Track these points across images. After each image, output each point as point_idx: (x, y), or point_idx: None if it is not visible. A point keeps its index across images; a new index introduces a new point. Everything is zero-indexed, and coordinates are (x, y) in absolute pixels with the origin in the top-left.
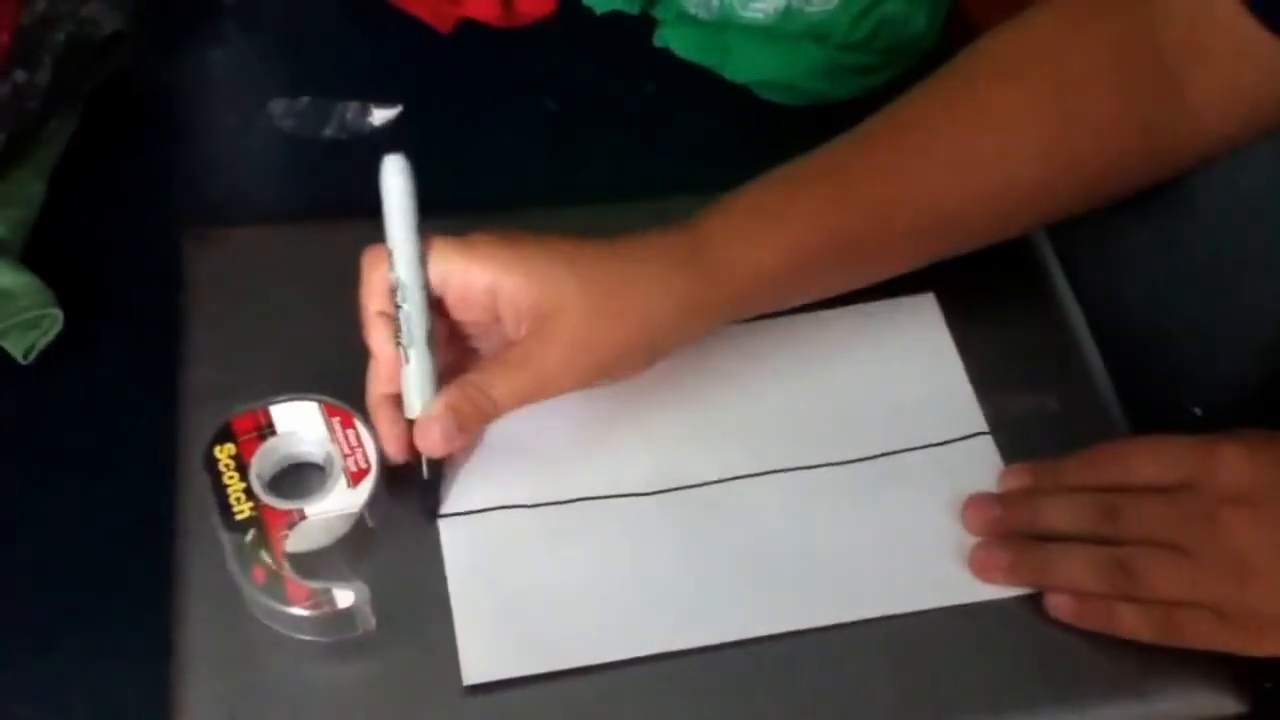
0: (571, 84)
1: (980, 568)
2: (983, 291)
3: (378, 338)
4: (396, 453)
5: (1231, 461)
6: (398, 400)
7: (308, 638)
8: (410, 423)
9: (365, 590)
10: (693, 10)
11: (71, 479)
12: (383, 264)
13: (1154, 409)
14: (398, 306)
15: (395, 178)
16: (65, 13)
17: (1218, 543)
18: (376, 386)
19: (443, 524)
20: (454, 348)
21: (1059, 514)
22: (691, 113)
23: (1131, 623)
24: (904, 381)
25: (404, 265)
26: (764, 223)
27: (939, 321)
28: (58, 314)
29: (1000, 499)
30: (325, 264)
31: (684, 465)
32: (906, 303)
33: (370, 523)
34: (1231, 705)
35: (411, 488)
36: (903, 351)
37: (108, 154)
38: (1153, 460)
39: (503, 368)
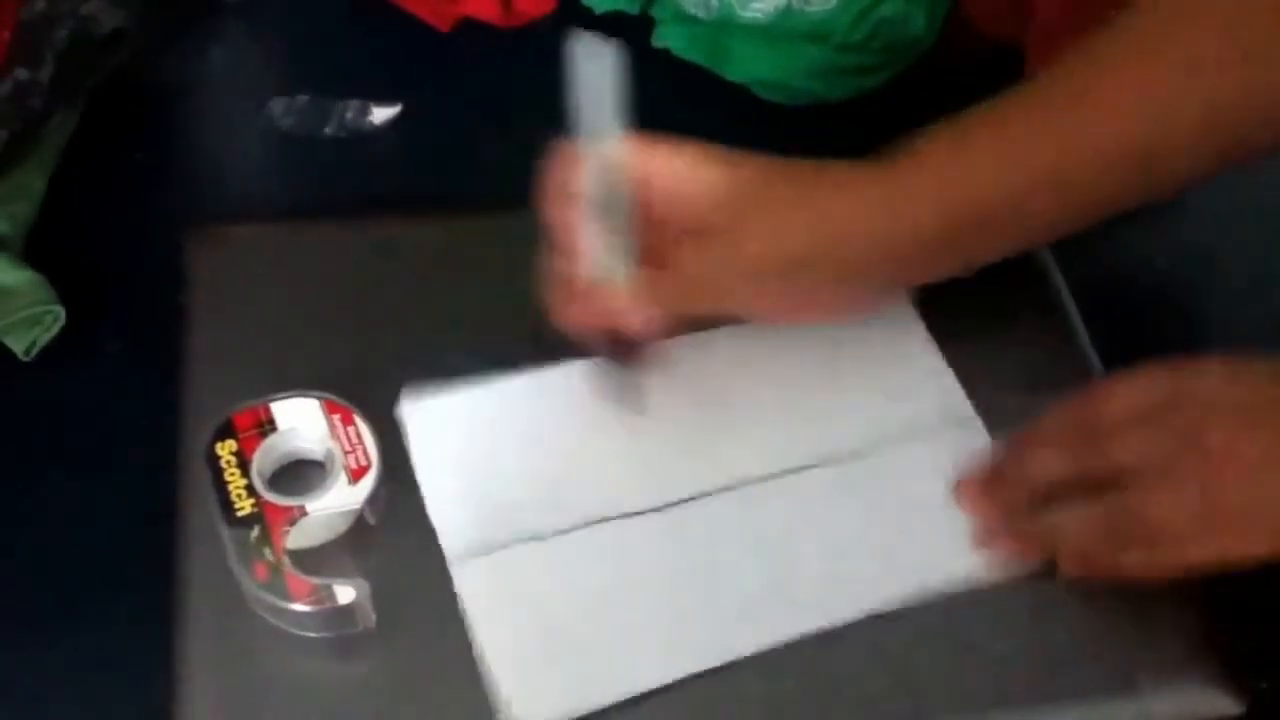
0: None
1: (989, 558)
2: (978, 289)
3: (572, 215)
4: (595, 334)
5: (1211, 377)
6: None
7: (308, 634)
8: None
9: (366, 586)
10: (691, 10)
11: (72, 476)
12: (572, 153)
13: None
14: (598, 189)
15: (602, 60)
16: (66, 10)
17: (1212, 453)
18: (560, 266)
19: (455, 570)
20: None
21: (1047, 465)
22: (690, 112)
23: (1141, 570)
24: (885, 373)
25: (614, 136)
26: (973, 153)
27: (910, 312)
28: (59, 311)
29: (987, 472)
30: (325, 262)
31: (684, 478)
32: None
33: (370, 520)
34: (1228, 705)
35: None
36: (879, 344)
37: (109, 152)
38: (1130, 391)
39: (705, 247)
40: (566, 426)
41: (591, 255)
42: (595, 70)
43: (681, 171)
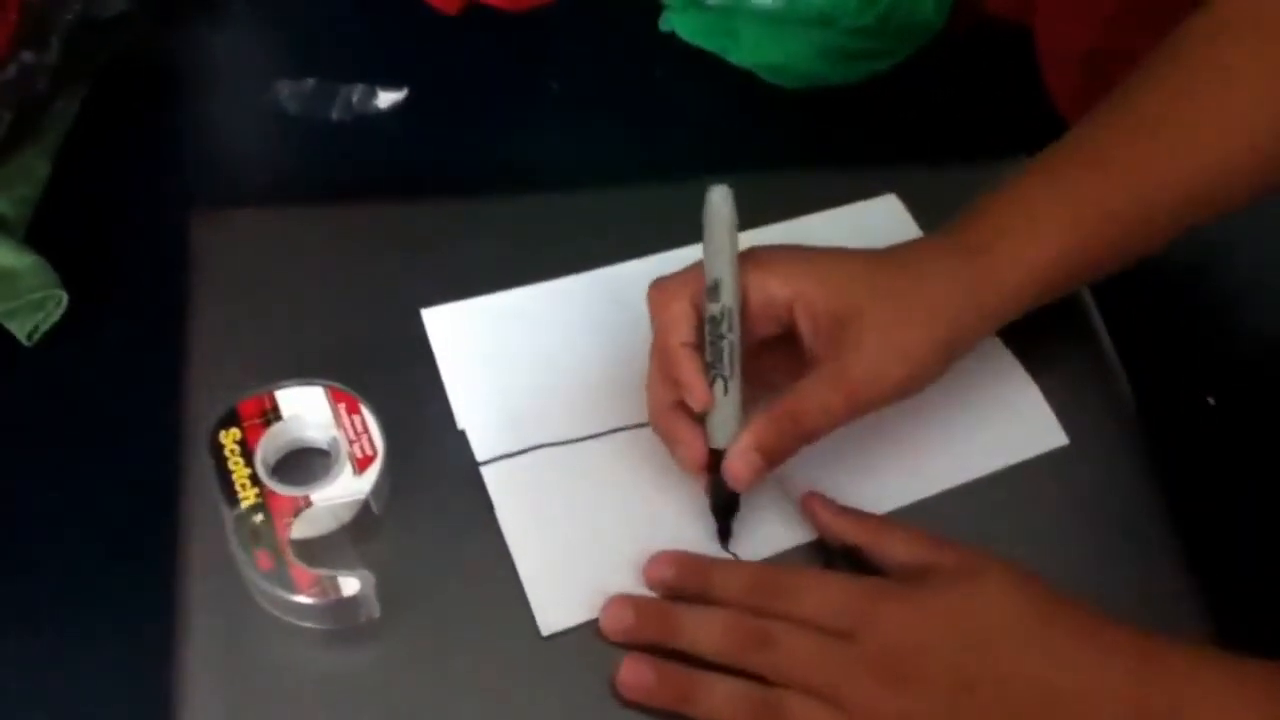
0: (577, 67)
1: (626, 684)
2: None
3: (686, 367)
4: (695, 468)
5: (893, 623)
6: (687, 413)
7: (312, 625)
8: (714, 453)
9: (370, 578)
10: None
11: (74, 462)
12: (681, 296)
13: (1167, 397)
14: (719, 336)
15: (724, 207)
16: None
17: (872, 705)
18: (663, 397)
19: (485, 470)
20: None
21: (701, 634)
22: (697, 96)
23: None
24: None
25: (730, 293)
26: (1033, 220)
27: (907, 218)
28: (62, 295)
29: (635, 605)
30: (330, 247)
31: None
32: (875, 205)
33: (375, 509)
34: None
35: None
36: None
37: (113, 135)
38: (818, 597)
39: (810, 390)
40: (588, 333)
41: (708, 415)
42: (723, 209)
43: (780, 298)
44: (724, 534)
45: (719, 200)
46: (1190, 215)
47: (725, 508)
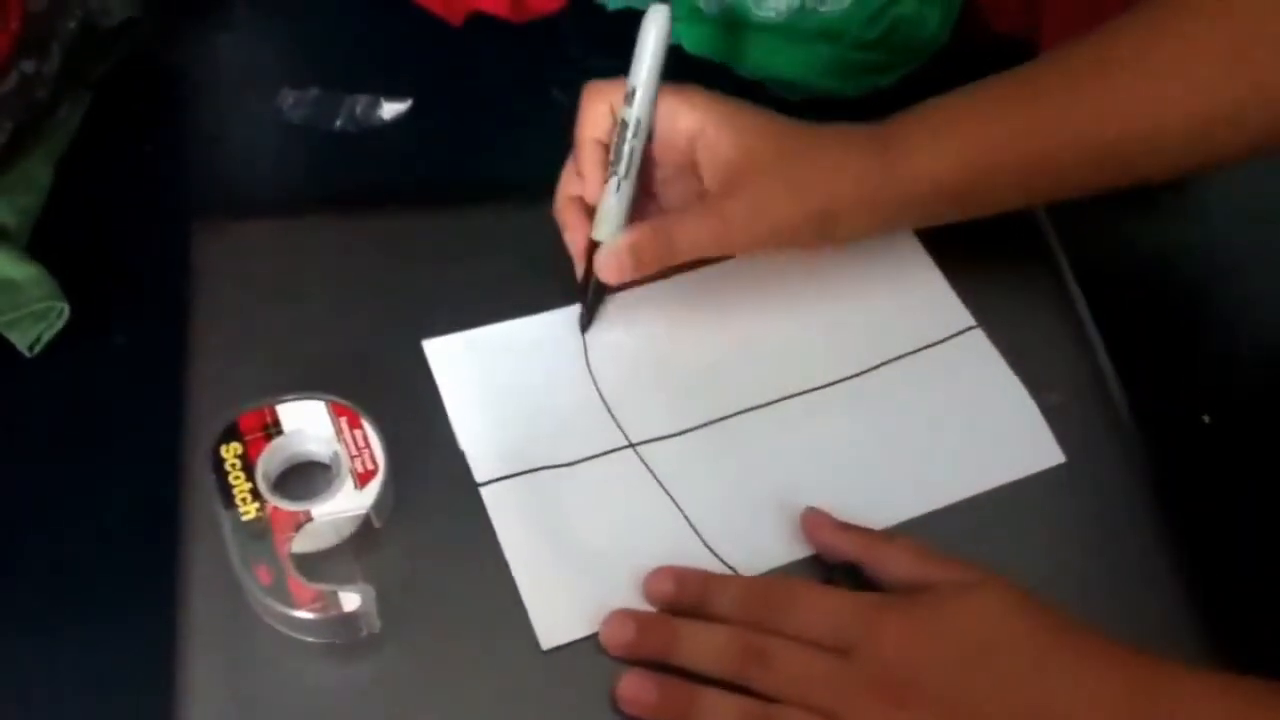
0: (581, 78)
1: (626, 698)
2: (993, 290)
3: (589, 160)
4: (577, 255)
5: (892, 640)
6: (584, 206)
7: (312, 640)
8: (593, 243)
9: (371, 592)
10: (704, 7)
11: (75, 475)
12: (606, 98)
13: (1163, 415)
14: (622, 140)
15: (658, 23)
16: (75, 2)
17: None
18: (569, 188)
19: (484, 490)
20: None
21: (701, 650)
22: None
23: None
24: (887, 291)
25: (642, 104)
26: (948, 132)
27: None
28: (64, 306)
29: (636, 619)
30: (333, 258)
31: (701, 403)
32: None
33: (376, 524)
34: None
35: None
36: (880, 262)
37: (115, 143)
38: (817, 613)
39: (688, 216)
40: (586, 359)
41: (598, 208)
42: (653, 29)
43: (688, 130)
44: (586, 320)
45: (655, 17)
46: (1102, 173)
47: (592, 295)
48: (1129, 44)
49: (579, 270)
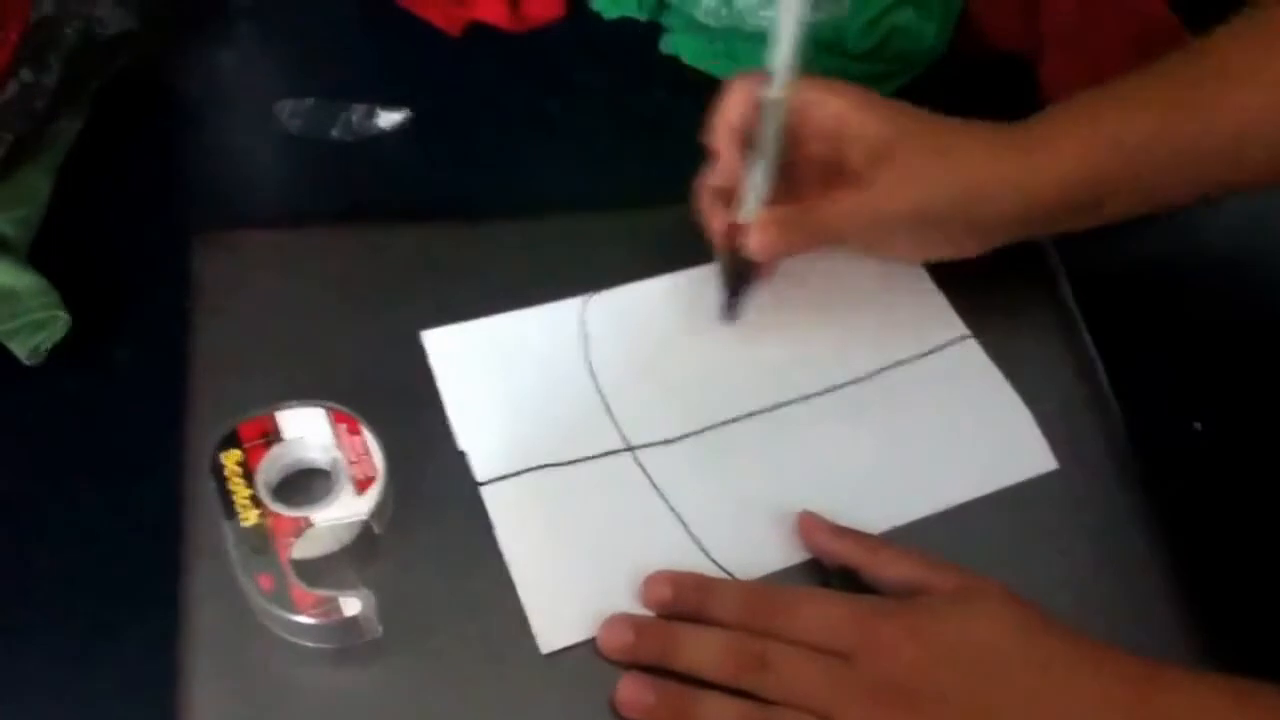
0: (579, 88)
1: (624, 702)
2: (986, 299)
3: (728, 144)
4: (719, 242)
5: (891, 645)
6: (726, 197)
7: (313, 645)
8: (734, 226)
9: (371, 598)
10: (702, 18)
11: (76, 484)
12: (747, 89)
13: (1155, 422)
14: (763, 120)
15: (792, 4)
16: (74, 13)
17: None
18: (712, 181)
19: (485, 490)
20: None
21: (700, 654)
22: (699, 118)
23: None
24: (878, 300)
25: (780, 84)
26: (1090, 123)
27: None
28: (64, 316)
29: (635, 624)
30: (332, 268)
31: (699, 408)
32: None
33: (376, 530)
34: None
35: None
36: (875, 274)
37: (114, 153)
38: (814, 617)
39: (836, 191)
40: (588, 354)
41: (739, 191)
42: (788, 10)
43: (835, 113)
44: (732, 307)
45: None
46: (1240, 170)
47: (738, 278)
48: (1243, 54)
49: (720, 259)
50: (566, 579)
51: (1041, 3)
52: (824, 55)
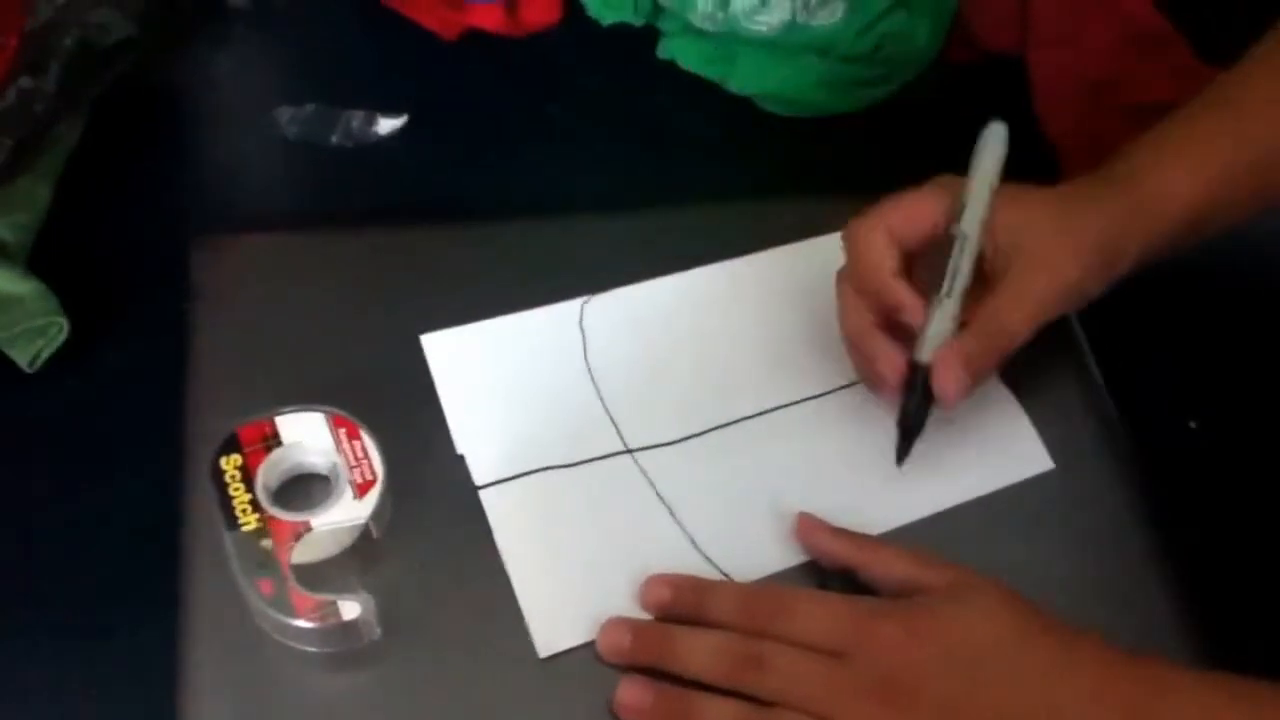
0: (576, 93)
1: (623, 705)
2: None
3: (904, 293)
4: (891, 380)
5: (887, 644)
6: (888, 332)
7: (313, 649)
8: (913, 364)
9: (370, 602)
10: (697, 23)
11: (75, 488)
12: (877, 229)
13: (1150, 421)
14: (949, 257)
15: (996, 143)
16: (72, 19)
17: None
18: (859, 319)
19: (484, 493)
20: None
21: (696, 656)
22: (695, 122)
23: None
24: None
25: (972, 220)
26: (1192, 151)
27: None
28: (63, 322)
29: (632, 627)
30: (330, 272)
31: (697, 411)
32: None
33: (375, 534)
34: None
35: None
36: None
37: (114, 160)
38: (812, 618)
39: (1007, 303)
40: (586, 357)
41: (926, 329)
42: (990, 146)
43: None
44: (903, 453)
45: (993, 136)
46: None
47: (915, 425)
48: None
49: (892, 398)
50: (565, 582)
51: (1032, 6)
52: (816, 60)
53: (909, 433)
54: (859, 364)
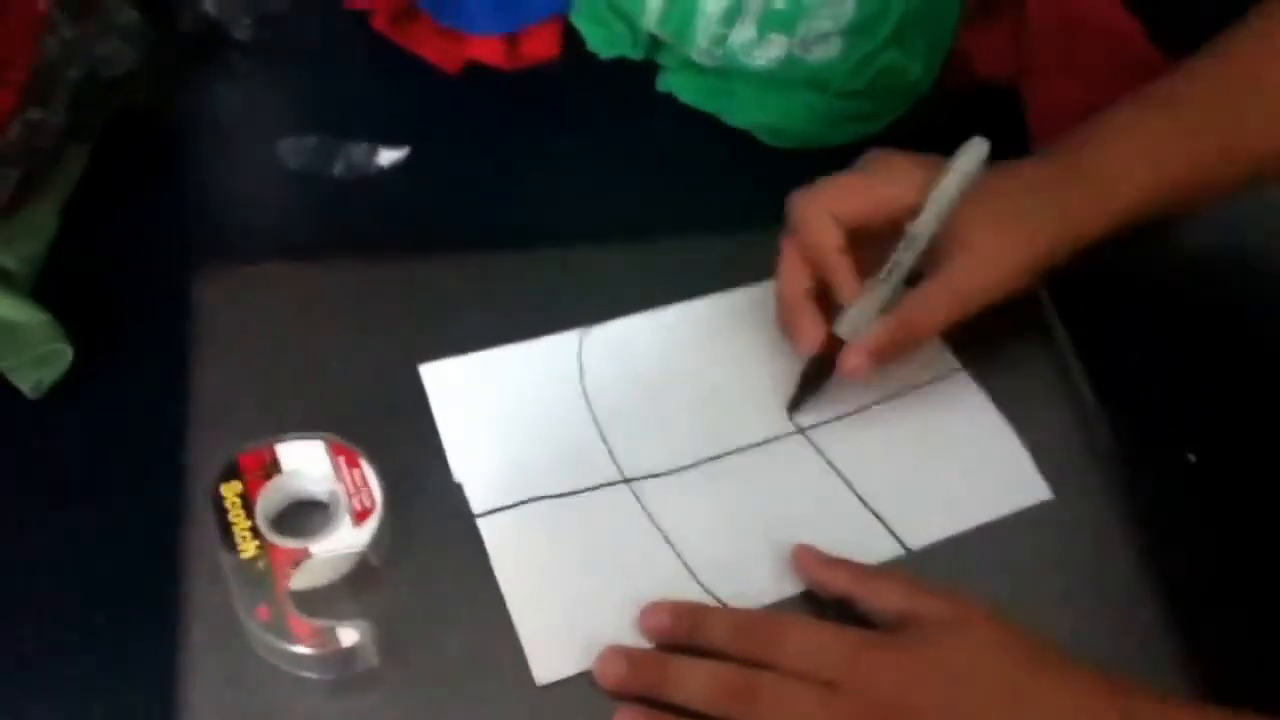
0: (575, 126)
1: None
2: (976, 330)
3: (840, 269)
4: (808, 347)
5: (878, 673)
6: (818, 302)
7: (311, 675)
8: (830, 335)
9: (368, 628)
10: (695, 58)
11: (77, 515)
12: (822, 206)
13: (1148, 454)
14: (896, 249)
15: (967, 161)
16: (80, 52)
17: None
18: (796, 284)
19: (481, 522)
20: None
21: (691, 686)
22: (694, 155)
23: None
24: None
25: (929, 223)
26: (1140, 140)
27: None
28: (67, 350)
29: (629, 656)
30: (331, 303)
31: (694, 440)
32: None
33: (374, 561)
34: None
35: None
36: None
37: (119, 189)
38: (805, 647)
39: (921, 301)
40: (584, 387)
41: (850, 308)
42: (967, 156)
43: (902, 200)
44: (796, 403)
45: (974, 147)
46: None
47: (812, 382)
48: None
49: (803, 355)
50: (562, 610)
51: (1028, 35)
52: (813, 94)
53: (808, 387)
54: (785, 320)
